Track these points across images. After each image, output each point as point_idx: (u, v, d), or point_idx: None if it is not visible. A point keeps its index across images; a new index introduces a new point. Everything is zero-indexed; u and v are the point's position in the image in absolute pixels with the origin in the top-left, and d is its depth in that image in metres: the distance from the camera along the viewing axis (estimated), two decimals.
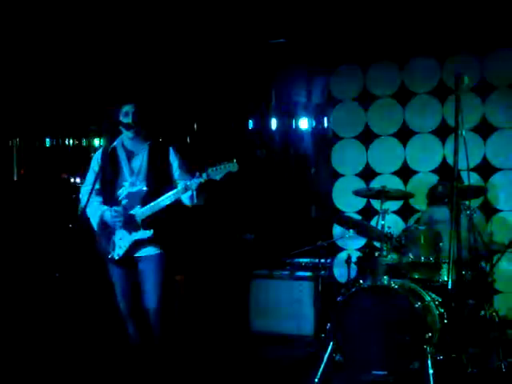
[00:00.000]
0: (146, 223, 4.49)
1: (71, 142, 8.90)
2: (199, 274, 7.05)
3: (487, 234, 5.89)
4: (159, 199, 4.45)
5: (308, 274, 6.76)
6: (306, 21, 6.84)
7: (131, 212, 4.51)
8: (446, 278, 5.41)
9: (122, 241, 4.55)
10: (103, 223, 4.58)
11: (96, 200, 4.64)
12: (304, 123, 8.02)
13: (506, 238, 5.64)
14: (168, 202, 4.44)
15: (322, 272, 6.37)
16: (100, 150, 4.72)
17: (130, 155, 4.65)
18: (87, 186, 4.70)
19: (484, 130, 6.60)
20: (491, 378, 4.95)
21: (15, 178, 8.15)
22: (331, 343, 5.22)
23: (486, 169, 6.58)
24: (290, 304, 6.61)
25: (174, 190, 4.43)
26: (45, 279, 6.59)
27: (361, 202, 7.03)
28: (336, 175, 7.24)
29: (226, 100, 8.11)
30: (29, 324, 6.29)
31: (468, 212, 5.13)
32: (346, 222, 6.35)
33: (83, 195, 4.73)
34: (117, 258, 4.56)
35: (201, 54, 7.50)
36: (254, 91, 8.09)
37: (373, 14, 6.63)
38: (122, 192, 4.60)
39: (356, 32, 6.91)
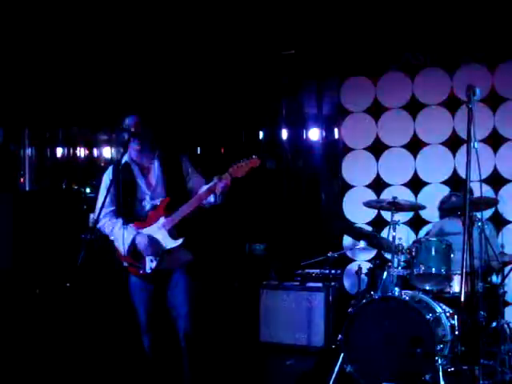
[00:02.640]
0: (174, 232, 4.50)
1: (82, 151, 8.93)
2: (209, 283, 7.05)
3: (498, 246, 5.87)
4: (183, 207, 4.46)
5: (318, 284, 6.75)
6: (316, 32, 6.88)
7: (155, 227, 4.51)
8: (456, 290, 5.41)
9: (152, 255, 4.54)
10: (134, 247, 4.54)
11: (117, 221, 4.57)
12: (314, 134, 8.03)
13: None
14: (192, 208, 4.44)
15: (333, 283, 6.36)
16: (110, 170, 4.65)
17: (143, 169, 4.64)
18: (106, 208, 4.57)
19: (494, 141, 6.60)
20: None
21: (27, 189, 8.18)
22: (342, 354, 5.22)
23: (496, 180, 6.57)
24: (300, 315, 6.60)
25: (197, 196, 4.46)
26: (56, 289, 6.61)
27: (371, 214, 7.03)
28: (346, 186, 7.24)
29: (237, 111, 8.13)
30: (40, 334, 6.30)
31: (479, 224, 5.12)
32: (357, 233, 6.36)
33: (104, 217, 4.62)
34: (149, 271, 4.53)
35: (211, 65, 7.54)
36: (264, 102, 8.11)
37: (383, 26, 6.66)
38: (145, 206, 4.60)
39: (366, 43, 6.94)
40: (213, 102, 7.99)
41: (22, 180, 8.16)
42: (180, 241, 4.49)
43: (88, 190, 8.48)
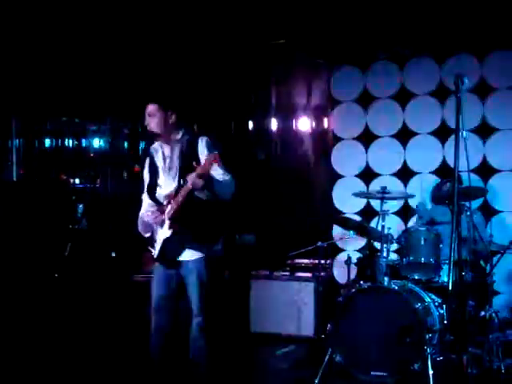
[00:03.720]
0: (172, 222, 4.48)
1: (71, 142, 8.89)
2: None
3: (487, 235, 5.89)
4: (177, 196, 4.41)
5: (308, 274, 6.76)
6: (306, 21, 6.85)
7: (165, 213, 4.52)
8: (445, 279, 5.42)
9: (158, 239, 4.59)
10: (144, 223, 4.64)
11: (147, 204, 4.70)
12: (304, 124, 8.03)
13: (505, 238, 5.63)
14: (181, 199, 4.37)
15: (322, 273, 6.37)
16: (148, 158, 4.76)
17: (166, 155, 4.63)
18: (143, 192, 4.77)
19: (484, 131, 6.61)
20: (491, 379, 4.95)
21: (14, 179, 8.14)
22: (331, 344, 5.23)
23: (485, 170, 6.59)
24: (289, 305, 6.61)
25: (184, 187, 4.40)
26: (44, 280, 6.59)
27: (361, 203, 7.04)
28: (336, 176, 7.24)
29: (226, 101, 8.11)
30: (28, 325, 6.28)
31: (468, 213, 5.13)
32: (346, 223, 6.36)
33: (144, 199, 4.79)
34: (156, 256, 4.60)
35: (200, 55, 7.50)
36: (253, 92, 8.09)
37: (372, 15, 6.64)
38: (161, 192, 4.59)
39: (356, 33, 6.92)
40: (201, 92, 7.97)
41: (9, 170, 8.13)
42: (170, 231, 4.46)
43: (78, 181, 8.46)
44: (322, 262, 6.31)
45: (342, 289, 5.98)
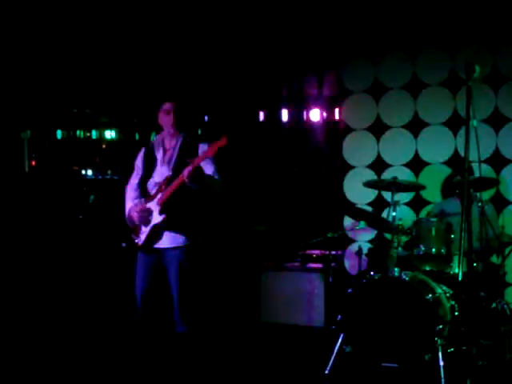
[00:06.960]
0: (162, 208, 4.55)
1: (82, 133, 8.93)
2: (211, 264, 7.05)
3: (499, 227, 5.85)
4: (170, 184, 4.53)
5: (319, 265, 6.76)
6: (318, 12, 6.81)
7: (154, 202, 4.61)
8: (457, 270, 5.39)
9: (144, 226, 4.64)
10: (131, 219, 4.73)
11: (134, 194, 4.81)
12: (315, 115, 8.01)
13: None
14: (174, 187, 4.49)
15: (333, 264, 6.36)
16: (143, 149, 4.89)
17: (167, 147, 4.78)
18: (129, 184, 4.87)
19: (496, 121, 6.55)
20: (502, 371, 4.93)
21: (26, 170, 8.17)
22: (341, 335, 5.23)
23: (498, 161, 6.54)
24: (300, 295, 6.62)
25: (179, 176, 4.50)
26: (56, 270, 6.63)
27: (372, 194, 7.00)
28: (347, 167, 7.22)
29: (237, 92, 8.10)
30: (40, 316, 6.32)
31: (479, 204, 5.10)
32: (357, 214, 6.34)
33: (126, 191, 4.89)
34: (140, 243, 4.65)
35: (212, 46, 7.49)
36: (264, 83, 8.07)
37: (385, 6, 6.60)
38: (151, 183, 4.72)
39: (367, 24, 6.87)
40: (213, 83, 7.96)
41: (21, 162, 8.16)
42: (162, 217, 4.53)
43: (90, 173, 8.50)
44: (333, 252, 6.29)
45: (353, 280, 5.97)
